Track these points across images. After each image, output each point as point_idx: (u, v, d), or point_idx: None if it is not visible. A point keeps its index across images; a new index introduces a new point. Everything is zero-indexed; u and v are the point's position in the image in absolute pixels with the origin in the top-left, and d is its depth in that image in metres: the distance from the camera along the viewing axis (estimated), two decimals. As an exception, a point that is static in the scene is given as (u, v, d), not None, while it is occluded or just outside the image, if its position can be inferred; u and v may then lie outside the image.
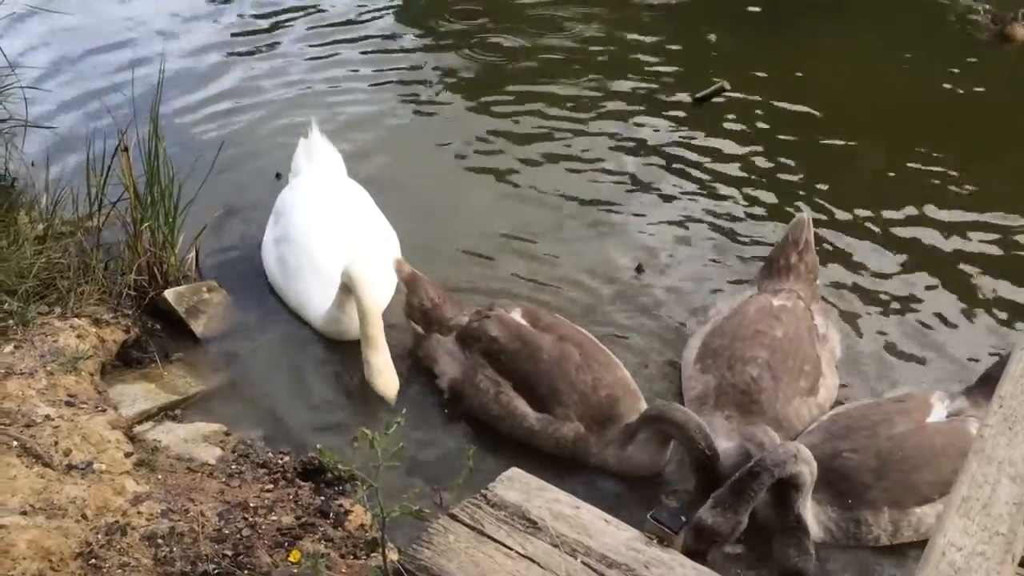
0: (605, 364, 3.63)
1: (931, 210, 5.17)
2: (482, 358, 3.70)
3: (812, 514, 3.18)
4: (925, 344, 4.23)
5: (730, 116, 6.03)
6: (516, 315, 3.81)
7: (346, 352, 4.03)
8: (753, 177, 5.45)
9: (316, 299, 4.08)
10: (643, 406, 3.59)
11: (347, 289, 3.87)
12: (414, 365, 3.97)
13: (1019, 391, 1.84)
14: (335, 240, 4.16)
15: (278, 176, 4.98)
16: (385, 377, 3.75)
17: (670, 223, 5.02)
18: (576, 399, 3.50)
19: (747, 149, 5.71)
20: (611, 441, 3.46)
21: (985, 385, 3.48)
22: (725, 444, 3.43)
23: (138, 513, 2.88)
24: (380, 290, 4.06)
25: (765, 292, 4.05)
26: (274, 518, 3.05)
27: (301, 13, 7.16)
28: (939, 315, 4.41)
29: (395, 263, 4.06)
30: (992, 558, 1.58)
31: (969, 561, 1.57)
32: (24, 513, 2.75)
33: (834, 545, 3.22)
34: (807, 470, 2.99)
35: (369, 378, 3.76)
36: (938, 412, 3.41)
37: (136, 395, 3.66)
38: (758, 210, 5.17)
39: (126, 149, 3.87)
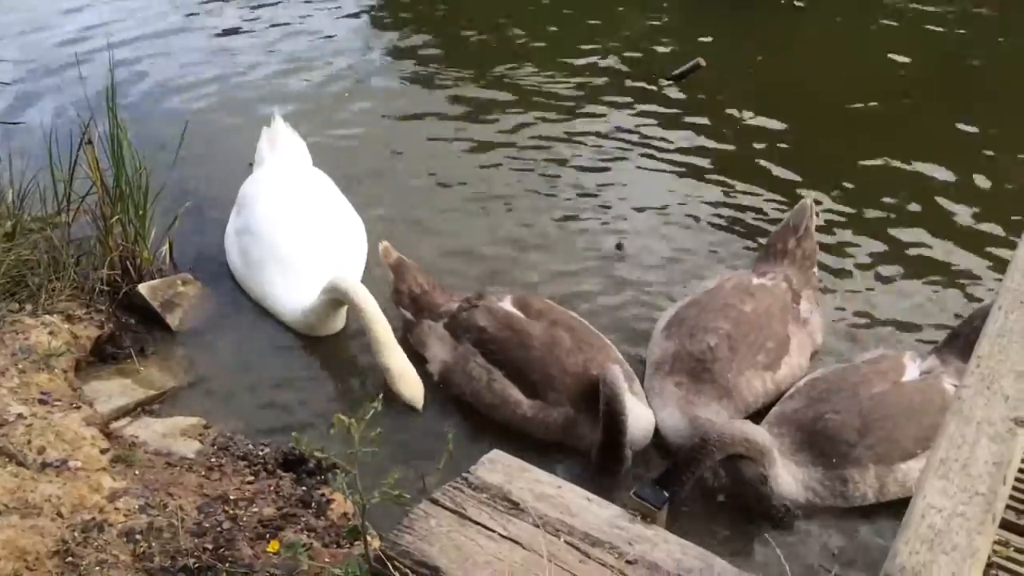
0: (598, 347, 3.60)
1: (904, 179, 5.18)
2: (473, 347, 3.67)
3: (791, 475, 3.22)
4: (896, 309, 4.25)
5: (707, 93, 6.00)
6: (506, 303, 3.77)
7: (324, 341, 3.99)
8: (731, 153, 5.44)
9: (280, 290, 4.03)
10: (637, 387, 3.57)
11: (335, 303, 3.81)
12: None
13: (996, 350, 1.82)
14: (297, 231, 4.10)
15: (251, 165, 4.91)
16: (408, 380, 3.64)
17: (648, 200, 5.00)
18: (568, 382, 3.46)
19: (724, 125, 5.70)
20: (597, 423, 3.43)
21: (952, 343, 3.61)
22: (677, 420, 3.45)
23: (115, 509, 2.84)
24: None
25: (755, 273, 4.04)
26: (255, 510, 3.01)
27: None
28: (908, 281, 4.44)
29: (382, 249, 4.02)
30: (972, 519, 1.56)
31: (949, 523, 1.55)
32: (-2, 513, 2.70)
33: (820, 506, 3.24)
34: (745, 447, 3.06)
35: (392, 384, 3.64)
36: (911, 371, 3.48)
37: (112, 391, 3.61)
38: (736, 186, 5.16)
39: (90, 142, 3.81)
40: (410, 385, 3.64)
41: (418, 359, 3.86)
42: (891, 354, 3.63)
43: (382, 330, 3.67)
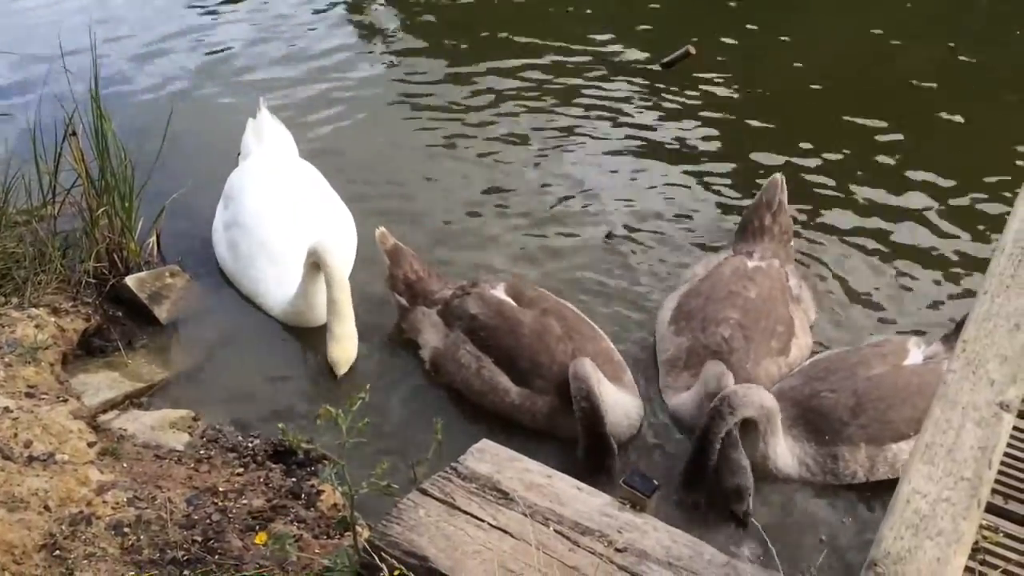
0: (589, 336, 3.60)
1: (902, 168, 5.16)
2: (464, 334, 3.66)
3: (787, 449, 3.24)
4: (901, 298, 4.24)
5: (697, 80, 5.98)
6: (499, 290, 3.76)
7: (312, 333, 3.97)
8: (721, 140, 5.43)
9: (271, 285, 4.01)
10: (628, 377, 3.57)
11: (314, 269, 3.78)
12: (390, 342, 3.93)
13: (982, 334, 1.82)
14: (287, 224, 4.07)
15: (237, 156, 4.88)
16: (343, 345, 3.68)
17: (638, 188, 4.99)
18: (555, 371, 3.45)
19: (715, 113, 5.68)
20: None
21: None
22: (683, 396, 3.47)
23: (103, 502, 2.83)
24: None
25: (740, 254, 4.04)
26: (244, 502, 3.00)
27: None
28: (915, 269, 4.42)
29: (378, 235, 4.00)
30: (958, 504, 1.56)
31: (935, 508, 1.55)
32: (-16, 508, 2.68)
33: (812, 482, 3.26)
34: (754, 412, 3.10)
35: (328, 345, 3.68)
36: (914, 356, 3.48)
37: (100, 384, 3.59)
38: (727, 173, 5.15)
39: (74, 133, 3.78)
40: (344, 348, 3.68)
41: (405, 351, 3.85)
42: (896, 339, 3.64)
43: (341, 294, 3.67)
